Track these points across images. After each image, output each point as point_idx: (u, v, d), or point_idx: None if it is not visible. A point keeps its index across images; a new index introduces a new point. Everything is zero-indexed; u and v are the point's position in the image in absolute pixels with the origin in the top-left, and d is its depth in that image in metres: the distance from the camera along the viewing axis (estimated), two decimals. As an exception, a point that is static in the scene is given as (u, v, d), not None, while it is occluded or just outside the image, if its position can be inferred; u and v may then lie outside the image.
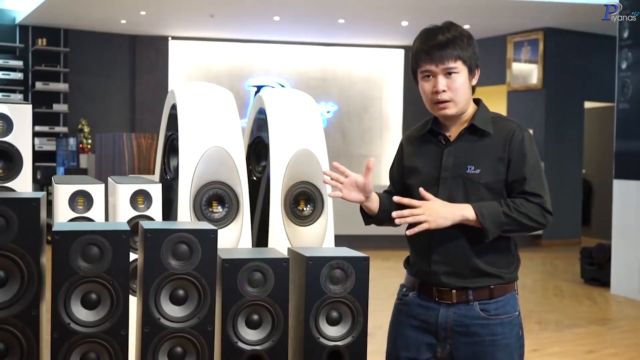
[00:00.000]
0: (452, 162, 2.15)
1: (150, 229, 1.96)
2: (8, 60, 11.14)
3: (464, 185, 2.12)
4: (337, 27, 11.42)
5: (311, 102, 2.93)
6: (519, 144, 2.13)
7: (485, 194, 2.11)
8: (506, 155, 2.12)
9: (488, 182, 2.11)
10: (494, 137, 2.15)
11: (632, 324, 6.13)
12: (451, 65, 2.12)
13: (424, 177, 2.19)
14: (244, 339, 2.02)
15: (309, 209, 2.77)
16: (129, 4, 10.00)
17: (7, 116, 2.34)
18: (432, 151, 2.21)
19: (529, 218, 2.08)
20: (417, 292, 2.20)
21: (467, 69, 2.15)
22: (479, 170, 2.12)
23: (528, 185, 2.10)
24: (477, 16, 10.12)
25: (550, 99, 10.66)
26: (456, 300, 2.13)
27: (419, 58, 2.16)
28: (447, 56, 2.11)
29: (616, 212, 7.34)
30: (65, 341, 1.87)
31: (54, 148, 11.21)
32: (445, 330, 2.15)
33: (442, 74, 2.13)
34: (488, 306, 2.13)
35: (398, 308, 2.28)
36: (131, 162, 5.57)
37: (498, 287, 2.14)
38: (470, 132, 2.17)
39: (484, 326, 2.13)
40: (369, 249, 8.18)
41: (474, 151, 2.14)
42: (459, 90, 2.14)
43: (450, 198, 2.12)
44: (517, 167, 2.12)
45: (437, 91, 2.13)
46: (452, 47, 2.12)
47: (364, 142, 13.24)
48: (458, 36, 2.14)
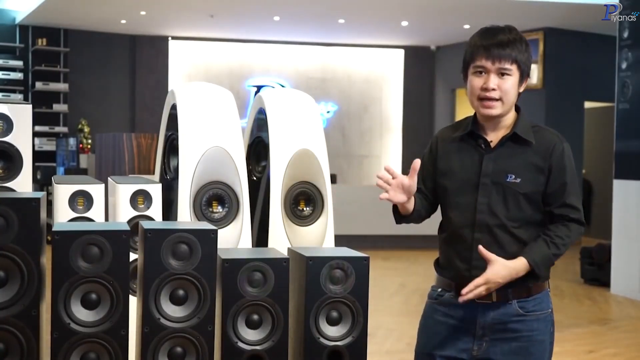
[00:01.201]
0: (492, 168, 2.16)
1: (150, 229, 1.96)
2: (8, 60, 11.15)
3: (503, 194, 2.14)
4: (337, 27, 11.42)
5: (311, 102, 2.93)
6: (559, 156, 2.16)
7: (524, 203, 2.14)
8: (547, 166, 2.14)
9: (527, 192, 2.14)
10: (535, 147, 2.16)
11: (632, 324, 6.13)
12: (506, 66, 2.12)
13: (462, 181, 2.19)
14: (244, 339, 2.02)
15: (309, 209, 2.77)
16: (129, 4, 10.00)
17: (7, 116, 2.34)
18: (471, 155, 2.20)
19: (571, 242, 2.17)
20: (455, 292, 2.20)
21: (520, 74, 2.15)
22: (519, 179, 2.13)
23: (568, 198, 2.15)
24: (477, 16, 10.13)
25: (550, 99, 10.66)
26: (496, 299, 2.15)
27: (475, 52, 2.14)
28: (505, 56, 2.11)
29: (616, 212, 7.34)
30: (65, 341, 1.87)
31: (54, 148, 11.21)
32: (483, 329, 2.17)
33: (495, 73, 2.12)
34: (526, 304, 2.16)
35: (433, 307, 2.27)
36: (131, 162, 5.57)
37: (535, 285, 2.18)
38: (512, 140, 2.17)
39: (522, 322, 2.16)
40: (369, 249, 8.19)
41: (514, 160, 2.15)
42: (509, 92, 2.13)
43: (489, 205, 2.14)
44: (557, 179, 2.15)
45: (486, 88, 2.12)
46: (511, 48, 2.12)
47: (364, 142, 13.25)
48: (518, 39, 2.14)
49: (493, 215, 2.14)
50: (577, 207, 2.17)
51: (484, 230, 2.15)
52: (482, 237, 2.14)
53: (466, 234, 2.17)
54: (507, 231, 2.14)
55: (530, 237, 2.16)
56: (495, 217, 2.14)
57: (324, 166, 2.78)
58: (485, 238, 2.14)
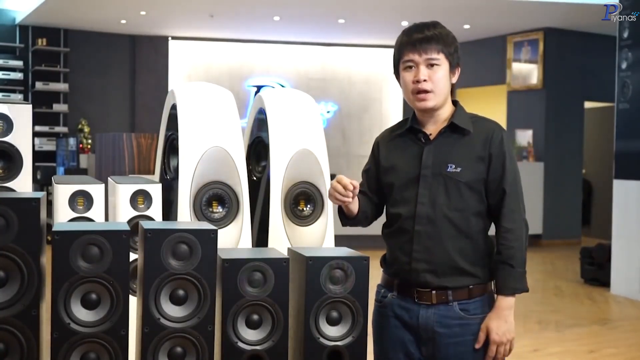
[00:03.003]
0: (432, 160, 2.17)
1: (150, 229, 1.96)
2: (8, 60, 11.14)
3: (444, 184, 2.14)
4: (337, 27, 11.42)
5: (311, 102, 2.93)
6: (499, 143, 2.16)
7: (465, 192, 2.14)
8: (487, 154, 2.16)
9: (469, 180, 2.14)
10: (474, 136, 2.18)
11: (632, 324, 6.13)
12: (434, 56, 2.15)
13: (404, 176, 2.20)
14: (244, 339, 2.02)
15: (309, 209, 2.77)
16: (129, 4, 10.00)
17: (7, 116, 2.34)
18: (411, 149, 2.22)
19: (523, 237, 2.16)
20: (397, 292, 2.21)
21: (449, 64, 2.18)
22: (459, 169, 2.14)
23: (506, 185, 2.15)
24: (477, 16, 10.12)
25: (550, 99, 10.65)
26: (436, 301, 2.15)
27: (402, 48, 2.20)
28: (431, 47, 2.15)
29: (616, 212, 7.34)
30: (65, 341, 1.87)
31: (54, 148, 11.21)
32: (426, 331, 2.16)
33: (424, 64, 2.16)
34: (467, 306, 2.15)
35: (379, 311, 2.28)
36: (131, 162, 5.57)
37: (477, 287, 2.17)
38: (451, 131, 2.19)
39: (465, 326, 2.15)
40: (369, 249, 8.17)
41: (454, 150, 2.17)
42: (440, 82, 2.16)
43: (431, 196, 2.14)
44: (496, 166, 2.16)
45: (418, 80, 2.16)
46: (436, 40, 2.16)
47: (363, 142, 13.24)
48: (443, 33, 2.19)
49: (434, 206, 2.14)
50: (514, 193, 2.16)
51: (424, 222, 2.14)
52: (423, 229, 2.14)
53: (408, 226, 2.17)
54: (448, 221, 2.13)
55: (472, 229, 2.15)
56: (437, 208, 2.14)
57: (324, 166, 2.78)
58: (427, 229, 2.14)
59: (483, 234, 2.19)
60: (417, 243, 2.15)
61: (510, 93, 11.24)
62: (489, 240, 2.21)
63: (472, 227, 2.16)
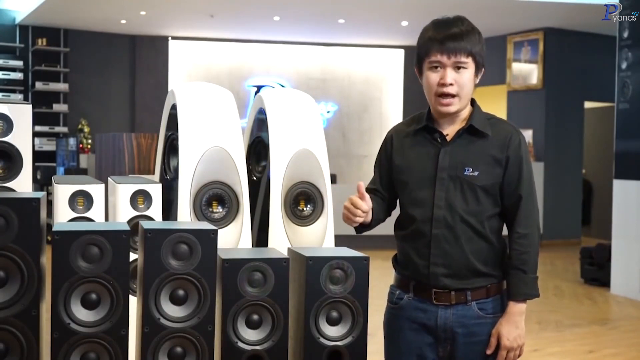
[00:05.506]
0: (449, 162, 2.13)
1: (150, 229, 1.96)
2: (8, 60, 11.14)
3: (461, 187, 2.11)
4: (337, 27, 11.42)
5: (311, 102, 2.93)
6: (516, 147, 2.13)
7: (482, 195, 2.12)
8: (504, 158, 2.12)
9: (485, 184, 2.11)
10: (491, 138, 2.14)
11: (632, 324, 6.13)
12: (462, 60, 2.09)
13: (418, 175, 2.16)
14: (244, 339, 2.02)
15: (309, 209, 2.77)
16: (129, 4, 10.00)
17: (7, 116, 2.34)
18: (427, 149, 2.17)
19: (536, 243, 2.15)
20: (413, 294, 2.19)
21: (475, 66, 2.13)
22: (477, 172, 2.11)
23: (521, 190, 2.13)
24: (477, 16, 10.06)
25: (550, 99, 10.65)
26: (455, 301, 2.13)
27: (430, 47, 2.11)
28: (460, 49, 2.08)
29: (616, 212, 7.34)
30: (65, 341, 1.87)
31: (54, 148, 11.20)
32: (445, 332, 2.15)
33: (452, 67, 2.10)
34: (485, 305, 2.15)
35: (393, 313, 2.25)
36: (131, 162, 5.57)
37: (493, 286, 2.16)
38: (469, 133, 2.14)
39: (483, 325, 2.14)
40: (369, 249, 8.18)
41: (471, 152, 2.13)
42: (466, 86, 2.11)
43: (448, 199, 2.11)
44: (513, 170, 2.13)
45: (444, 83, 2.09)
46: (466, 40, 2.09)
47: (363, 142, 13.24)
48: (471, 31, 2.12)
49: (451, 209, 2.11)
50: (529, 198, 2.14)
51: (442, 225, 2.11)
52: (441, 232, 2.11)
53: (425, 229, 2.13)
54: (466, 225, 2.11)
55: (488, 231, 2.13)
56: (454, 212, 2.11)
57: (324, 166, 2.78)
58: (444, 233, 2.11)
59: (497, 234, 2.17)
60: (434, 247, 2.12)
61: (510, 93, 11.24)
62: (502, 239, 2.19)
63: (488, 229, 2.13)
